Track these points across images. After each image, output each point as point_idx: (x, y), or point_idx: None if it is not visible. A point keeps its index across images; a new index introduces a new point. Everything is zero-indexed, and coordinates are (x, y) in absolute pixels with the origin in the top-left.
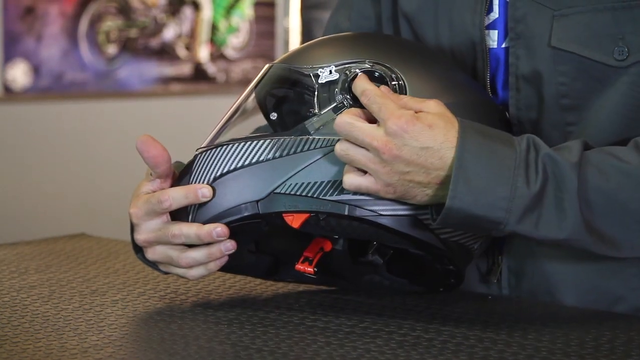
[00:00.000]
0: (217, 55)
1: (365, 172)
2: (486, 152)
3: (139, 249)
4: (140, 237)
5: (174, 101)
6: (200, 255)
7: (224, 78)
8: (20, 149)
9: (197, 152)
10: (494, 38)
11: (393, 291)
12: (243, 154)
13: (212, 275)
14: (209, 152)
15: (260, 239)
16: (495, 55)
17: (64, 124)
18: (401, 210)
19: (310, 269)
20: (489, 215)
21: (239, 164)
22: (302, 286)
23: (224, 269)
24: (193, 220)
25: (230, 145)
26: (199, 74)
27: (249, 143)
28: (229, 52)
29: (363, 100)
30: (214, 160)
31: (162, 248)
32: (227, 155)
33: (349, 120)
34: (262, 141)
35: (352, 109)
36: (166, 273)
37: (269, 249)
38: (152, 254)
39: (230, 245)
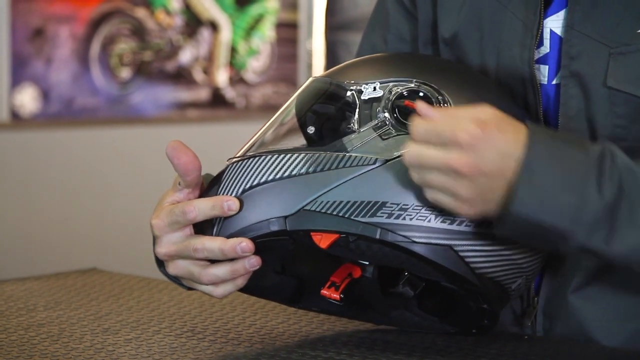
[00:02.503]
0: (237, 80)
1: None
2: (555, 154)
3: (162, 263)
4: (162, 250)
5: (191, 128)
6: (222, 272)
7: (243, 103)
8: (28, 178)
9: (228, 163)
10: (544, 74)
11: (423, 329)
12: (275, 167)
13: (231, 313)
14: (240, 163)
15: (286, 259)
16: (546, 91)
17: (74, 152)
18: (436, 239)
19: (336, 295)
20: (555, 224)
21: (270, 177)
22: (326, 324)
23: (247, 290)
24: (217, 234)
25: (263, 157)
26: (217, 99)
27: (282, 156)
28: (249, 76)
29: (417, 137)
30: (245, 171)
31: (184, 263)
32: (258, 167)
33: (416, 152)
34: (296, 155)
35: (415, 137)
36: (190, 289)
37: (295, 272)
38: (173, 268)
39: (255, 262)
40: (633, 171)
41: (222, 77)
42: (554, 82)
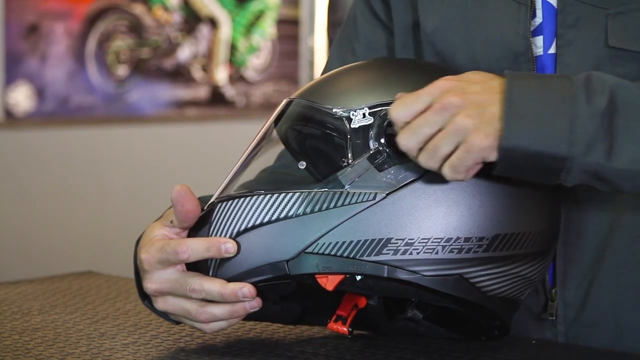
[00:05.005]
0: (236, 78)
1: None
2: (537, 85)
3: (146, 295)
4: (152, 286)
5: (189, 127)
6: (221, 312)
7: (243, 102)
8: (22, 178)
9: (216, 201)
10: (539, 45)
11: (429, 337)
12: (270, 208)
13: None
14: (230, 202)
15: (286, 294)
16: (542, 62)
17: (70, 152)
18: (445, 270)
19: (344, 329)
20: (550, 151)
21: (266, 219)
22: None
23: (248, 318)
24: (214, 276)
25: (255, 197)
26: (217, 98)
27: (275, 196)
28: (249, 73)
29: (396, 116)
30: (237, 212)
31: (177, 300)
32: (251, 208)
33: (405, 129)
34: (290, 194)
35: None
36: (177, 323)
37: (295, 299)
38: (163, 304)
39: (255, 304)
40: (623, 84)
41: (221, 75)
42: (550, 51)
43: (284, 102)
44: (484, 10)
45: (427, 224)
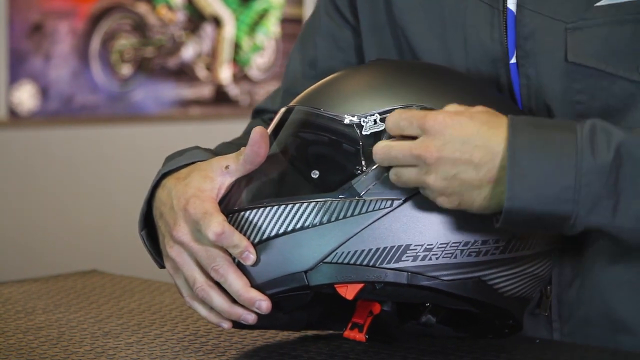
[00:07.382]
0: (240, 76)
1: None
2: (541, 141)
3: (145, 226)
4: (181, 235)
5: (193, 126)
6: (219, 304)
7: (247, 101)
8: (26, 178)
9: (225, 212)
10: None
11: (436, 337)
12: (284, 219)
13: None
14: (242, 214)
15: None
16: (514, 70)
17: (74, 151)
18: (464, 274)
19: (361, 336)
20: (555, 211)
21: (282, 230)
22: None
23: (254, 327)
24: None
25: (269, 209)
26: (221, 97)
27: (290, 206)
28: (253, 72)
29: (390, 126)
30: (250, 224)
31: (190, 263)
32: (265, 219)
33: (384, 144)
34: (305, 204)
35: (388, 127)
36: (162, 267)
37: (305, 307)
38: (176, 253)
39: (250, 319)
40: (629, 138)
41: (225, 73)
42: (511, 61)
43: (282, 110)
44: (460, 16)
45: (445, 228)
